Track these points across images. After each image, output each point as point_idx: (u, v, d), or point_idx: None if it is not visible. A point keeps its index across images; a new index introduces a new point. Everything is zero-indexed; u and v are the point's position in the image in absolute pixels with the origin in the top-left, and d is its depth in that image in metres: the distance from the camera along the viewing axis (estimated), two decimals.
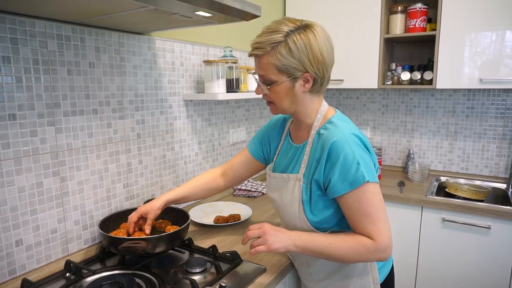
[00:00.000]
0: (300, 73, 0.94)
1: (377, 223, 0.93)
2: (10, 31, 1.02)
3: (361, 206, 0.93)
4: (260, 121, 2.24)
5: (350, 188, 0.92)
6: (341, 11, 2.21)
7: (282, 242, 0.96)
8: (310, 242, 0.96)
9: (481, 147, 2.26)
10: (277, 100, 1.00)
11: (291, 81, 0.96)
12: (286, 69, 0.93)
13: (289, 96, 0.98)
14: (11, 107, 1.04)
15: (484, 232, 1.78)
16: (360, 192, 0.92)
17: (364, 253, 0.93)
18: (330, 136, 0.95)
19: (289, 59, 0.92)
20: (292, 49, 0.91)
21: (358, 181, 0.91)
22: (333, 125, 0.98)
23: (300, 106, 1.01)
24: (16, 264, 1.09)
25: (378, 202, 0.94)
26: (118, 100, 1.35)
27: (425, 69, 2.20)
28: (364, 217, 0.93)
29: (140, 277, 1.09)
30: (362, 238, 0.94)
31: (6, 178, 1.04)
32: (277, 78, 0.95)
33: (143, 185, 1.49)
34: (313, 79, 0.96)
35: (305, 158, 1.02)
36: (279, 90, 0.97)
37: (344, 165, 0.91)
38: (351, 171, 0.91)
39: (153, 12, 1.01)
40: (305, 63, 0.93)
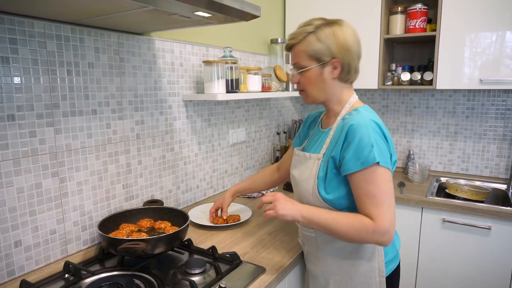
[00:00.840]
0: (328, 58, 1.05)
1: (380, 206, 0.97)
2: (9, 32, 1.02)
3: (367, 186, 0.98)
4: (260, 121, 2.24)
5: (360, 167, 0.97)
6: (341, 11, 2.21)
7: (290, 211, 1.05)
8: (316, 214, 1.03)
9: (481, 148, 2.25)
10: (308, 86, 1.10)
11: (320, 67, 1.07)
12: (315, 54, 1.05)
13: (319, 82, 1.08)
14: (10, 108, 1.04)
15: (484, 233, 1.77)
16: (369, 173, 0.97)
17: (362, 232, 0.97)
18: (351, 119, 1.03)
19: (316, 45, 1.04)
20: (320, 37, 1.04)
21: (369, 161, 0.96)
22: (357, 112, 1.07)
23: (329, 94, 1.11)
24: (15, 265, 1.08)
25: (386, 187, 0.98)
26: (117, 100, 1.35)
27: (425, 69, 2.20)
28: (369, 198, 0.98)
29: (140, 278, 1.09)
30: (363, 218, 0.98)
31: (5, 179, 1.04)
32: (308, 64, 1.07)
33: (142, 186, 1.49)
34: (341, 66, 1.06)
35: (327, 140, 1.10)
36: (309, 76, 1.08)
37: (358, 145, 0.98)
38: (364, 152, 0.97)
39: (153, 13, 1.00)
40: (332, 49, 1.04)
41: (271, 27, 2.31)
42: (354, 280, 1.11)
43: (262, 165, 2.31)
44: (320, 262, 1.18)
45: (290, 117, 2.60)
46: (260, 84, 1.78)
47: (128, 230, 1.24)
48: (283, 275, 1.17)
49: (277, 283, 1.13)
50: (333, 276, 1.15)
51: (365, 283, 1.10)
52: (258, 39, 2.18)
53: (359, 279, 1.10)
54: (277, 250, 1.28)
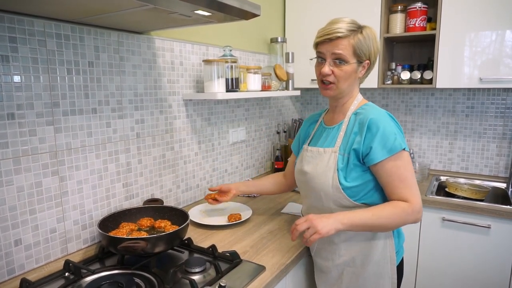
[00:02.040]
0: (365, 59, 1.14)
1: (412, 187, 1.07)
2: (9, 30, 1.02)
3: (399, 171, 1.06)
4: (260, 120, 2.24)
5: (388, 154, 1.06)
6: (341, 10, 2.21)
7: (330, 225, 1.04)
8: (355, 217, 1.06)
9: (481, 147, 2.26)
10: (342, 79, 1.14)
11: (357, 65, 1.13)
12: (359, 52, 1.11)
13: (351, 78, 1.14)
14: (10, 107, 1.04)
15: (484, 232, 1.78)
16: (397, 159, 1.06)
17: (404, 216, 1.05)
18: (369, 114, 1.10)
19: (363, 45, 1.11)
20: (366, 37, 1.12)
21: (396, 148, 1.05)
22: (369, 107, 1.16)
23: (351, 90, 1.18)
24: (15, 263, 1.09)
25: (411, 170, 1.08)
26: (117, 99, 1.35)
27: (425, 68, 2.20)
28: (401, 182, 1.06)
29: (140, 277, 1.09)
30: (399, 203, 1.07)
31: (4, 178, 1.04)
32: (351, 59, 1.12)
33: (142, 185, 1.49)
34: (368, 67, 1.16)
35: (341, 134, 1.16)
36: (347, 70, 1.13)
37: (383, 135, 1.06)
38: (390, 140, 1.06)
39: (152, 11, 1.00)
40: (371, 51, 1.14)
41: (271, 26, 2.31)
42: (367, 270, 1.15)
43: (262, 164, 2.31)
44: (332, 256, 1.21)
45: (290, 116, 2.60)
46: (260, 83, 1.78)
47: (128, 229, 1.24)
48: (283, 274, 1.17)
49: (277, 282, 1.14)
50: (347, 267, 1.19)
51: (378, 272, 1.15)
52: (258, 38, 2.18)
53: (372, 268, 1.15)
54: (277, 249, 1.28)
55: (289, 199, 1.82)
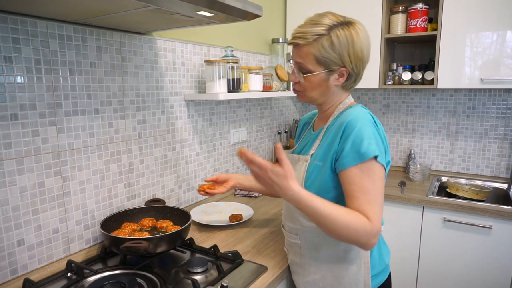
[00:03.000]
0: (337, 67, 0.97)
1: (374, 205, 0.89)
2: (12, 31, 1.02)
3: (362, 181, 0.90)
4: (261, 121, 2.24)
5: (359, 161, 0.90)
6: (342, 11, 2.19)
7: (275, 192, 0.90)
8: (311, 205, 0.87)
9: (482, 147, 2.26)
10: (309, 89, 1.02)
11: (326, 74, 0.98)
12: (324, 61, 0.96)
13: (322, 87, 1.01)
14: (13, 107, 1.04)
15: (485, 232, 1.78)
16: (366, 168, 0.90)
17: (361, 232, 0.87)
18: (347, 115, 0.96)
19: (329, 52, 0.95)
20: (334, 43, 0.94)
21: (368, 154, 0.89)
22: (352, 109, 1.00)
23: (328, 98, 1.04)
24: (18, 264, 1.09)
25: (379, 186, 0.91)
26: (119, 100, 1.35)
27: (426, 69, 2.20)
28: (363, 194, 0.90)
29: (142, 277, 1.09)
30: (362, 216, 0.88)
31: (8, 178, 1.04)
32: (314, 69, 0.98)
33: (144, 185, 1.49)
34: (348, 75, 0.99)
35: (317, 141, 1.05)
36: (313, 80, 1.00)
37: (357, 137, 0.91)
38: (363, 144, 0.90)
39: (155, 12, 1.01)
40: (345, 58, 0.96)
41: (272, 26, 2.31)
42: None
43: None
44: (303, 271, 1.10)
45: (291, 116, 2.60)
46: (261, 83, 1.78)
47: (130, 229, 1.25)
48: (285, 274, 1.17)
49: (278, 282, 1.14)
50: (315, 287, 1.07)
51: None
52: (259, 39, 2.18)
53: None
54: (279, 249, 1.28)
55: None
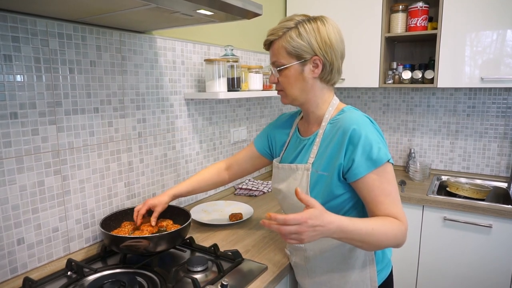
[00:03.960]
0: (309, 55, 0.98)
1: (397, 204, 0.94)
2: (11, 30, 1.02)
3: (382, 185, 0.93)
4: (261, 120, 2.24)
5: (373, 167, 0.92)
6: (342, 10, 2.21)
7: (317, 237, 0.85)
8: (353, 232, 0.86)
9: (482, 146, 2.26)
10: (288, 85, 1.02)
11: (300, 64, 0.99)
12: (295, 51, 0.98)
13: (299, 81, 1.01)
14: (12, 106, 1.04)
15: (485, 231, 1.78)
16: (382, 172, 0.93)
17: (398, 235, 0.90)
18: (347, 122, 0.96)
19: (298, 41, 0.97)
20: (301, 33, 0.97)
21: (381, 160, 0.92)
22: (348, 113, 1.00)
23: (310, 95, 1.03)
24: (17, 262, 1.09)
25: (396, 184, 0.96)
26: (119, 99, 1.35)
27: (426, 68, 2.20)
28: (386, 197, 0.93)
29: (142, 276, 1.09)
30: (394, 220, 0.91)
31: (7, 177, 1.04)
32: (287, 62, 1.00)
33: (144, 184, 1.49)
34: (322, 64, 0.99)
35: (314, 148, 1.03)
36: (289, 74, 1.01)
37: (366, 145, 0.93)
38: (374, 151, 0.92)
39: (155, 11, 1.00)
40: (313, 45, 0.97)
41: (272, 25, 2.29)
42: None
43: None
44: (309, 274, 1.11)
45: None
46: (261, 82, 1.78)
47: (130, 228, 1.25)
48: (285, 273, 1.17)
49: (278, 281, 1.14)
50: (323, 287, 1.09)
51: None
52: (259, 38, 2.18)
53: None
54: (279, 248, 1.28)
55: None
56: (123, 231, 1.21)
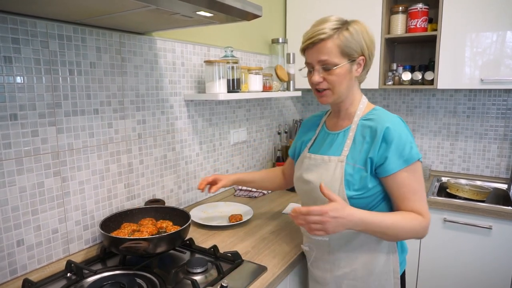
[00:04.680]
0: (357, 55, 1.04)
1: (423, 200, 1.02)
2: (11, 31, 1.02)
3: (412, 183, 1.00)
4: (261, 121, 2.24)
5: (405, 165, 0.99)
6: (342, 11, 2.21)
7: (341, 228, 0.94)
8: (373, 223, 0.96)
9: (482, 148, 2.25)
10: (337, 83, 1.05)
11: (350, 64, 1.04)
12: (348, 50, 1.02)
13: (347, 79, 1.05)
14: (12, 107, 1.04)
15: (485, 233, 1.77)
16: (412, 170, 1.00)
17: (418, 229, 1.00)
18: (383, 121, 1.02)
19: (351, 41, 1.01)
20: (353, 32, 1.01)
21: (412, 158, 0.99)
22: (380, 112, 1.07)
23: (350, 93, 1.09)
24: (17, 264, 1.09)
25: (423, 182, 1.02)
26: (119, 100, 1.35)
27: (426, 69, 2.20)
28: (413, 194, 1.00)
29: (141, 277, 1.09)
30: (416, 215, 1.00)
31: (7, 178, 1.04)
32: (340, 61, 1.02)
33: (144, 185, 1.49)
34: (364, 64, 1.06)
35: (348, 142, 1.07)
36: (340, 73, 1.03)
37: (399, 144, 0.99)
38: (406, 149, 0.99)
39: (154, 12, 1.01)
40: (363, 46, 1.03)
41: (272, 27, 2.31)
42: (369, 283, 1.08)
43: (263, 164, 2.31)
44: (332, 267, 1.13)
45: (291, 117, 2.60)
46: (261, 84, 1.78)
47: (130, 229, 1.25)
48: (285, 274, 1.17)
49: (278, 282, 1.14)
50: (346, 280, 1.11)
51: (380, 285, 1.08)
52: (259, 39, 2.18)
53: (374, 282, 1.08)
54: (279, 250, 1.28)
55: (290, 200, 1.82)
56: (123, 233, 1.21)
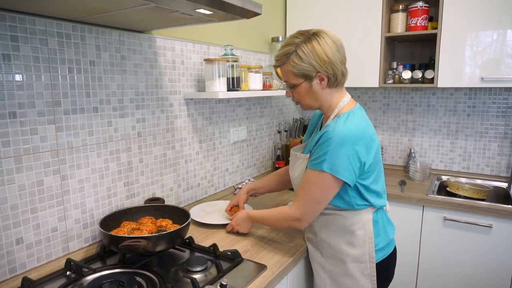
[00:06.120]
0: (313, 73, 1.12)
1: (303, 199, 1.15)
2: (10, 29, 1.02)
3: (306, 181, 1.14)
4: (261, 120, 2.24)
5: (310, 167, 1.13)
6: (342, 10, 2.21)
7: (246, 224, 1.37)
8: (256, 216, 1.32)
9: (482, 146, 2.25)
10: (301, 98, 1.20)
11: (308, 82, 1.15)
12: (300, 73, 1.13)
13: (310, 94, 1.17)
14: (11, 105, 1.04)
15: (485, 231, 1.77)
16: (313, 173, 1.12)
17: (281, 218, 1.22)
18: (327, 127, 1.13)
19: (300, 65, 1.12)
20: (301, 57, 1.11)
21: (318, 167, 1.10)
22: (336, 119, 1.14)
23: (322, 101, 1.19)
24: (16, 262, 1.09)
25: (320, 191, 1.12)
26: (118, 98, 1.35)
27: (426, 67, 2.20)
28: (301, 189, 1.16)
29: (141, 276, 1.09)
30: (283, 208, 1.24)
31: (6, 176, 1.04)
32: (296, 82, 1.16)
33: (143, 184, 1.49)
34: (327, 77, 1.13)
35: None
36: (300, 91, 1.17)
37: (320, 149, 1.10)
38: (320, 157, 1.10)
39: (154, 10, 1.00)
40: (314, 65, 1.11)
41: (272, 25, 2.30)
42: (347, 263, 1.21)
43: (263, 163, 2.31)
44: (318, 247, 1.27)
45: (291, 115, 2.60)
46: (261, 82, 1.78)
47: (129, 228, 1.24)
48: (284, 273, 1.17)
49: (278, 281, 1.14)
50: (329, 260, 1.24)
51: (358, 268, 1.20)
52: (259, 37, 2.18)
53: (351, 264, 1.20)
54: (278, 248, 1.28)
55: (290, 198, 1.82)
56: (122, 231, 1.21)
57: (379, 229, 1.21)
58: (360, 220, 1.18)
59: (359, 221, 1.18)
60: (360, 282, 1.20)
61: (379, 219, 1.22)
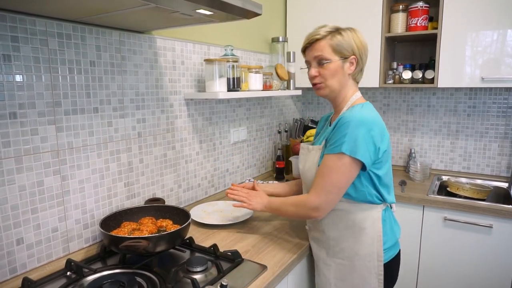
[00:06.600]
0: (349, 54, 1.17)
1: (321, 186, 1.14)
2: (10, 30, 1.02)
3: (323, 168, 1.14)
4: (261, 120, 2.24)
5: (328, 152, 1.13)
6: (342, 10, 2.21)
7: (260, 204, 1.34)
8: (273, 203, 1.31)
9: (482, 146, 2.25)
10: (329, 77, 1.19)
11: (342, 61, 1.18)
12: (339, 49, 1.17)
13: (338, 74, 1.19)
14: (12, 106, 1.04)
15: (485, 231, 1.77)
16: (331, 158, 1.12)
17: (300, 208, 1.20)
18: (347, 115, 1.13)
19: (342, 42, 1.16)
20: (344, 35, 1.17)
21: (336, 150, 1.11)
22: (355, 109, 1.17)
23: (343, 88, 1.22)
24: (17, 262, 1.09)
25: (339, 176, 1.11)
26: (119, 98, 1.35)
27: (426, 68, 2.20)
28: (319, 177, 1.15)
29: (141, 276, 1.09)
30: (300, 196, 1.23)
31: (7, 177, 1.04)
32: (332, 57, 1.17)
33: (144, 184, 1.49)
34: (357, 63, 1.19)
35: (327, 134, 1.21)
36: (331, 68, 1.18)
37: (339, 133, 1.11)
38: (339, 140, 1.11)
39: (154, 10, 1.00)
40: (354, 47, 1.17)
41: (273, 25, 2.30)
42: (354, 262, 1.21)
43: (264, 163, 2.31)
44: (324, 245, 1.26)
45: (291, 116, 2.60)
46: (261, 82, 1.78)
47: (130, 228, 1.25)
48: (285, 273, 1.17)
49: (278, 281, 1.14)
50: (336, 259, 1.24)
51: (365, 266, 1.20)
52: (259, 38, 2.18)
53: (359, 262, 1.20)
54: (279, 248, 1.28)
55: None
56: (123, 231, 1.21)
57: (387, 228, 1.22)
58: (369, 217, 1.18)
59: (368, 217, 1.18)
60: (367, 281, 1.20)
61: (387, 218, 1.23)
